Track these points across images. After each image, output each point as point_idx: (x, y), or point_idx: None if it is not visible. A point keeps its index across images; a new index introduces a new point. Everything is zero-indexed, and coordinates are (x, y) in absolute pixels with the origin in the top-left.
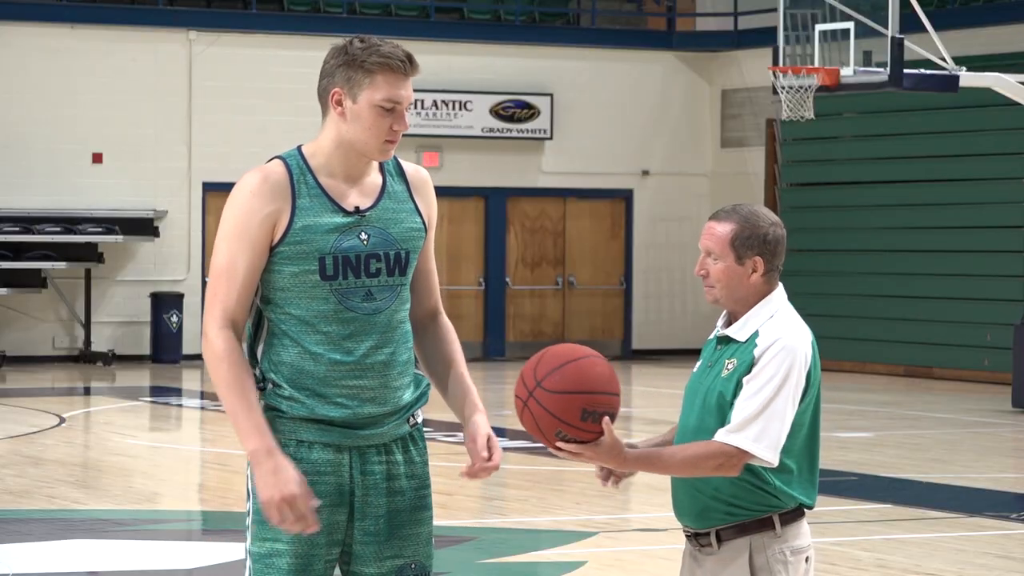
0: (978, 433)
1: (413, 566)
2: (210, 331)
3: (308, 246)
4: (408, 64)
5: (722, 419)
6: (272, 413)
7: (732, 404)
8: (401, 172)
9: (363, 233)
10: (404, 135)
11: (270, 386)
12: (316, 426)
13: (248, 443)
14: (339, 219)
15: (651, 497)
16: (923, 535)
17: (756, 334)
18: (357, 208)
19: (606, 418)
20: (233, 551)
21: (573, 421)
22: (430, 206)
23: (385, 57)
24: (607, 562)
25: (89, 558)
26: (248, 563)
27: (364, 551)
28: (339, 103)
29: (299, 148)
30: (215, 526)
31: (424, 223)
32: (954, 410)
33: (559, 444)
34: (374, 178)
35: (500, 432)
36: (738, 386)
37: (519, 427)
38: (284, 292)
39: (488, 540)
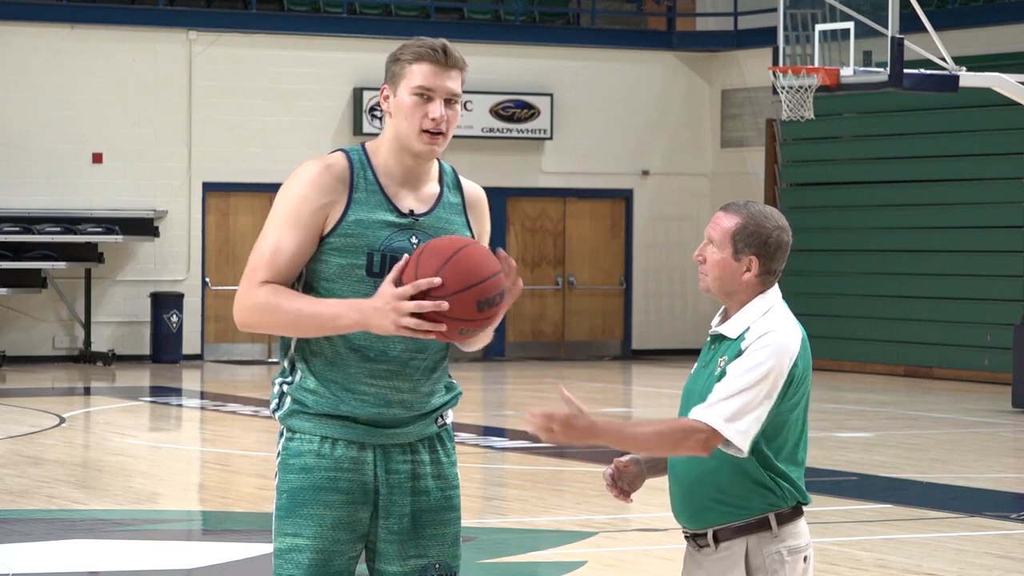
0: (978, 433)
1: (438, 566)
2: (243, 292)
3: (359, 240)
4: (443, 54)
5: None
6: (297, 407)
7: None
8: (459, 186)
9: (414, 236)
10: None
11: (297, 376)
12: (340, 423)
13: (344, 320)
14: (393, 218)
15: (651, 497)
16: (923, 535)
17: (747, 329)
18: (412, 211)
19: (566, 394)
20: (233, 551)
21: (471, 316)
22: (482, 224)
23: (419, 48)
24: (607, 562)
25: (89, 558)
26: (272, 558)
27: (388, 549)
28: (386, 99)
29: (363, 144)
30: (215, 526)
31: (474, 237)
32: (954, 410)
33: (529, 417)
34: (432, 187)
35: (500, 432)
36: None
37: (519, 427)
38: (328, 283)
39: (488, 540)
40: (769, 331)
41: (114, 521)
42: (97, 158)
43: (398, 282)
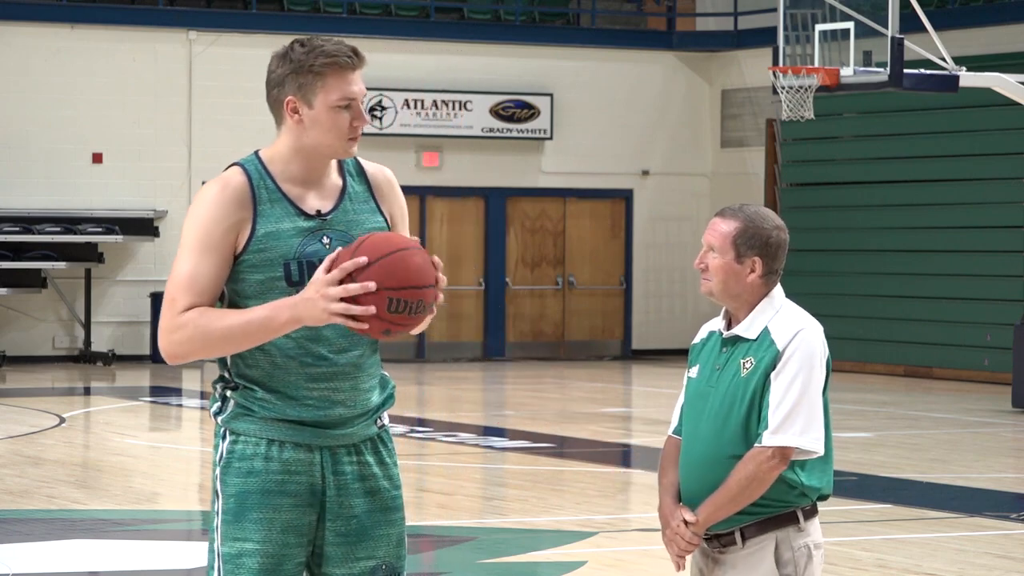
0: (978, 433)
1: (384, 567)
2: (167, 324)
3: (272, 252)
4: (355, 58)
5: (755, 416)
6: (242, 411)
7: (763, 401)
8: (362, 172)
9: (325, 236)
10: (404, 135)
11: (242, 387)
12: (287, 426)
13: (277, 321)
14: (301, 223)
15: (651, 497)
16: (923, 535)
17: (767, 330)
18: (318, 211)
19: (682, 518)
20: None
21: (383, 315)
22: (393, 204)
23: (331, 56)
24: (607, 562)
25: (89, 558)
26: (217, 564)
27: (335, 552)
28: (295, 111)
29: (256, 153)
30: (212, 526)
31: (387, 222)
32: (954, 410)
33: None
34: (334, 180)
35: (500, 432)
36: (766, 382)
37: (519, 427)
38: (252, 300)
39: (488, 540)
40: (800, 329)
41: (114, 521)
42: (97, 158)
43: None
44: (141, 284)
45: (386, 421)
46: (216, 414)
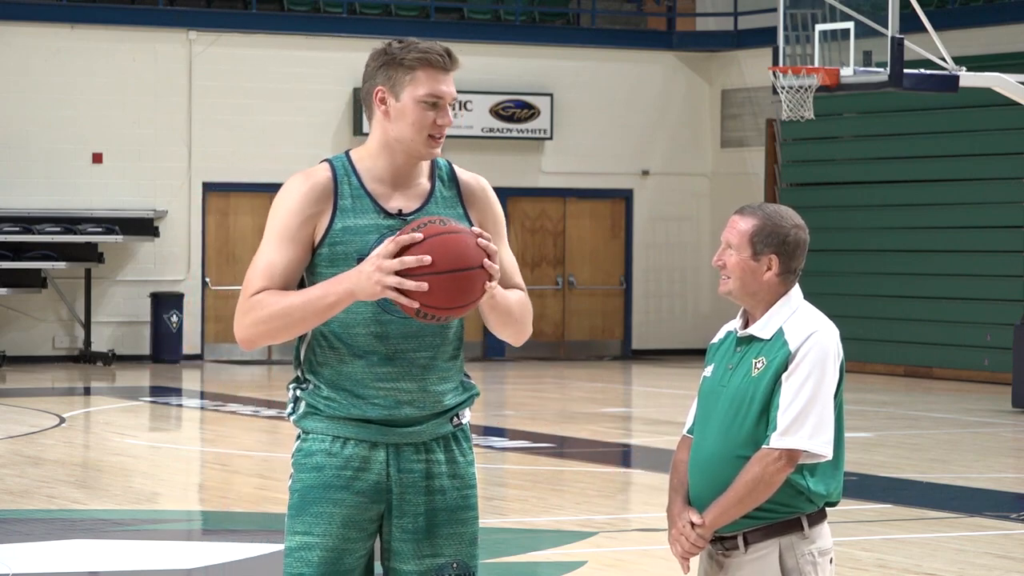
0: (978, 433)
1: (455, 565)
2: (240, 307)
3: (347, 247)
4: (447, 59)
5: (764, 417)
6: (310, 410)
7: (773, 402)
8: (454, 179)
9: None
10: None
11: (311, 386)
12: (352, 423)
13: (333, 294)
14: (381, 220)
15: (651, 497)
16: (923, 535)
17: (781, 331)
18: (400, 211)
19: (689, 520)
20: (233, 551)
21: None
22: (485, 213)
23: (424, 52)
24: (607, 562)
25: (89, 558)
26: (283, 558)
27: (402, 548)
28: (383, 101)
29: (347, 152)
30: (215, 526)
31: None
32: (954, 410)
33: None
34: (422, 183)
35: (500, 432)
36: (776, 383)
37: (519, 427)
38: None
39: (488, 540)
40: (814, 331)
41: (114, 521)
42: (97, 158)
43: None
44: (141, 284)
45: (464, 420)
46: (290, 415)
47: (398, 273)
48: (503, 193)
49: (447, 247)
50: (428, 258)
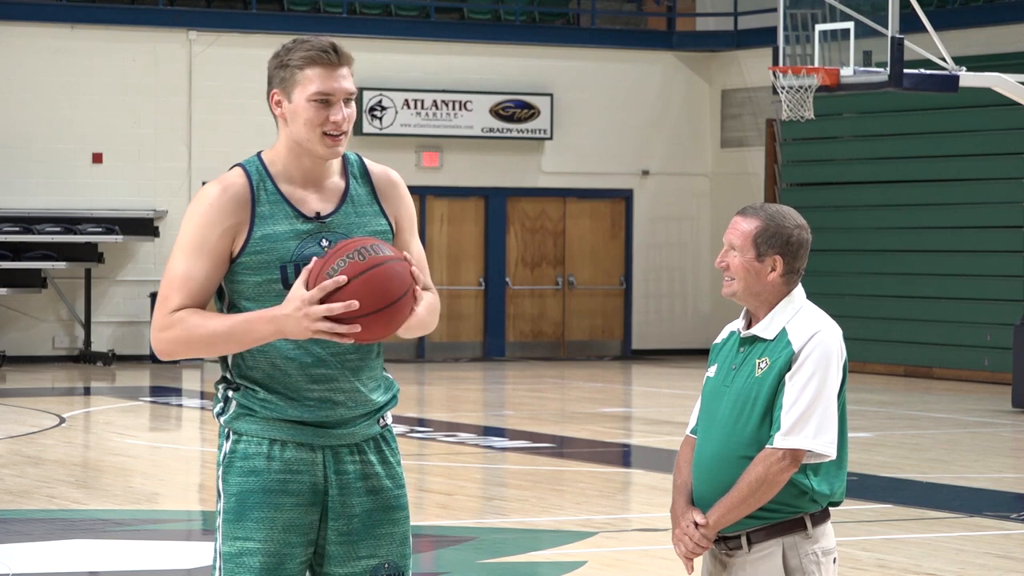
0: (978, 433)
1: (387, 566)
2: (158, 322)
3: (269, 255)
4: (334, 54)
5: (768, 417)
6: (244, 411)
7: (776, 402)
8: (367, 174)
9: (324, 239)
10: (404, 135)
11: (244, 388)
12: (289, 426)
13: (259, 333)
14: (299, 226)
15: (651, 497)
16: (923, 535)
17: (785, 331)
18: (318, 214)
19: (692, 520)
20: None
21: (381, 333)
22: (398, 207)
23: (309, 51)
24: (607, 562)
25: (89, 558)
26: (218, 563)
27: (337, 551)
28: (279, 104)
29: (259, 155)
30: (215, 526)
31: (390, 225)
32: (954, 410)
33: None
34: (336, 182)
35: (500, 432)
36: (780, 383)
37: (519, 427)
38: (249, 302)
39: (488, 540)
40: (817, 331)
41: (114, 521)
42: (97, 158)
43: (307, 285)
44: (141, 284)
45: (389, 420)
46: (219, 415)
47: (327, 317)
48: (503, 193)
49: (372, 286)
50: (356, 303)
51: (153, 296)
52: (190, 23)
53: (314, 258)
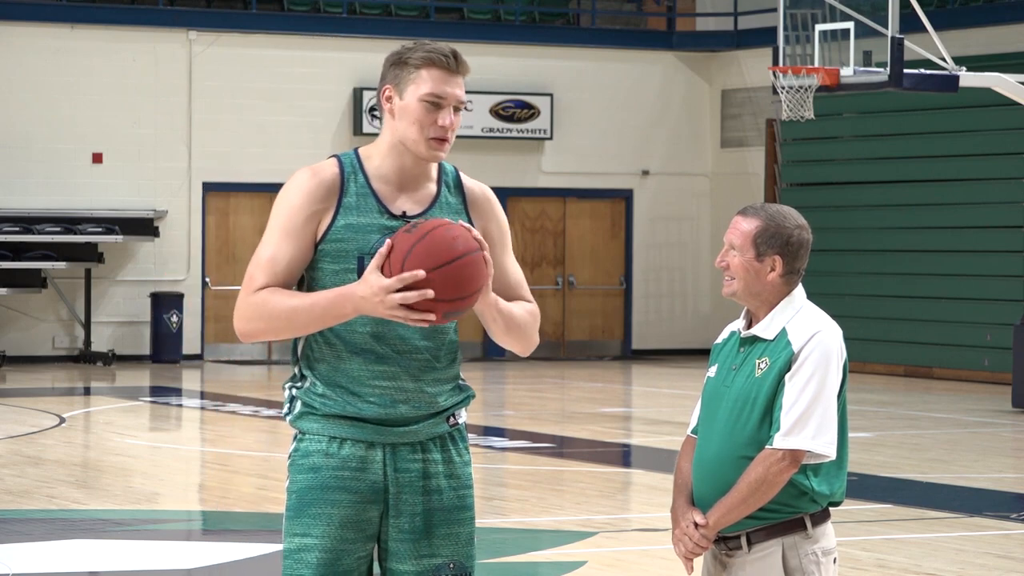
0: (978, 433)
1: (452, 566)
2: (241, 301)
3: (348, 244)
4: (453, 60)
5: (767, 417)
6: (306, 409)
7: (776, 402)
8: (460, 186)
9: None
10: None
11: (307, 383)
12: (348, 422)
13: (341, 310)
14: (384, 221)
15: (651, 497)
16: (923, 535)
17: (785, 331)
18: (404, 213)
19: (692, 520)
20: (233, 551)
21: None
22: (488, 220)
23: (429, 52)
24: (607, 562)
25: (89, 558)
26: (282, 560)
27: (399, 548)
28: (389, 99)
29: (356, 149)
30: (215, 526)
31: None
32: (954, 410)
33: None
34: (429, 188)
35: (500, 432)
36: (779, 383)
37: (519, 427)
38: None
39: (488, 540)
40: (817, 331)
41: (114, 521)
42: (97, 158)
43: (382, 269)
44: (141, 284)
45: (461, 420)
46: (286, 415)
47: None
48: (503, 193)
49: (450, 280)
50: (431, 293)
51: (153, 296)
52: (190, 23)
53: (387, 240)
